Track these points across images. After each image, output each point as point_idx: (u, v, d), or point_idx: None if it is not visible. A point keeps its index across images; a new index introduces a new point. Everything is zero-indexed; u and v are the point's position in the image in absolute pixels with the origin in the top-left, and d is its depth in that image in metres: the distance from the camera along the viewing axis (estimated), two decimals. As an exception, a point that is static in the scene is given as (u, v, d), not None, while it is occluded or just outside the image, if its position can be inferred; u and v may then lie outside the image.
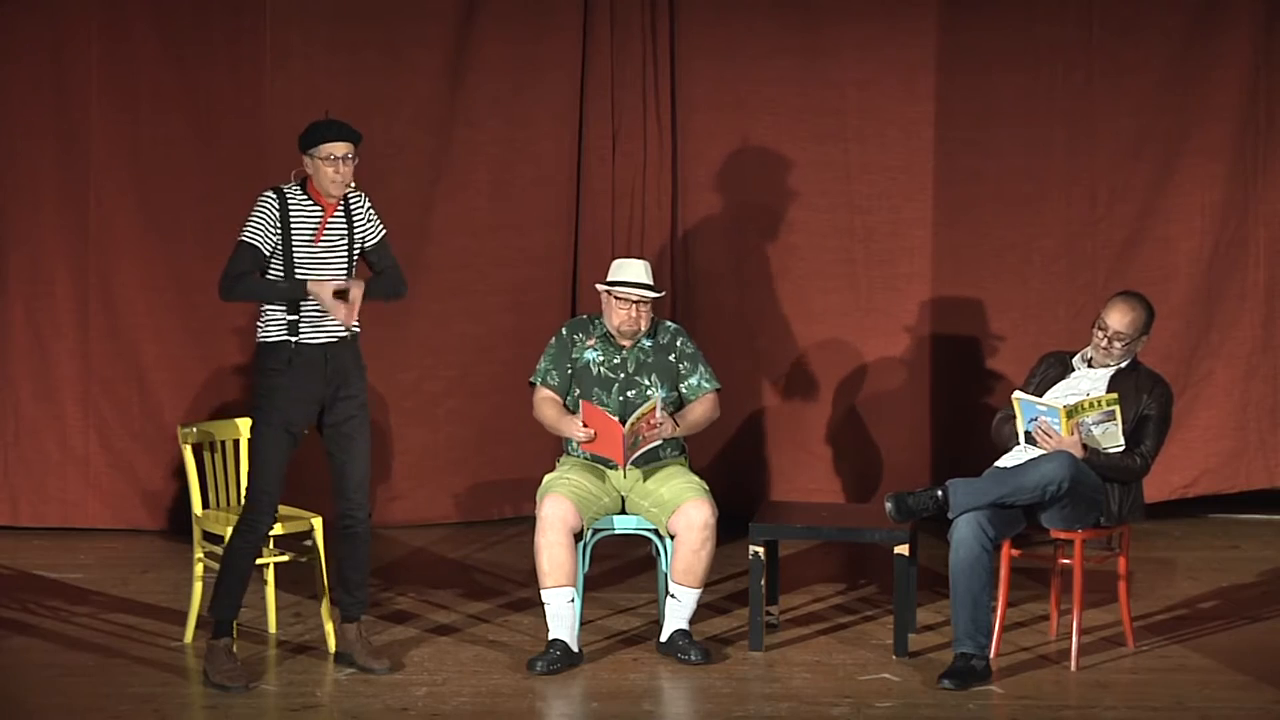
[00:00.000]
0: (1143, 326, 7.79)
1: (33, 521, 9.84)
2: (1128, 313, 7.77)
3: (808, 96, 9.93)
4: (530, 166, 9.96)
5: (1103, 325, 7.79)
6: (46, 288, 9.77)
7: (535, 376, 8.15)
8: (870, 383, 10.03)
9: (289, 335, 7.43)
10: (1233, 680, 7.55)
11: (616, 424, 7.79)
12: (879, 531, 7.93)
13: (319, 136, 7.44)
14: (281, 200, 7.44)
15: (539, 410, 8.12)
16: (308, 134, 7.46)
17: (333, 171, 7.42)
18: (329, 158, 7.41)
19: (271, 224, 7.41)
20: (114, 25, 9.67)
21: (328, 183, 7.44)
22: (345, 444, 7.55)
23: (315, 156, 7.44)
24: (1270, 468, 10.03)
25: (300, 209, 7.45)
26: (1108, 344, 7.78)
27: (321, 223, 7.46)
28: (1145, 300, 7.85)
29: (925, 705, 7.30)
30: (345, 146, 7.43)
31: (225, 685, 7.36)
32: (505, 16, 9.85)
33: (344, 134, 7.45)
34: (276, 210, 7.42)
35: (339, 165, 7.42)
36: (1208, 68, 9.81)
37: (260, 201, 7.44)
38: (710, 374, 8.15)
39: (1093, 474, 7.63)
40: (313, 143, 7.44)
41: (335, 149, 7.42)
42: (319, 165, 7.44)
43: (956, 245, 9.97)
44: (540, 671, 7.64)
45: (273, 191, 7.47)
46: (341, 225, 7.52)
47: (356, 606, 7.67)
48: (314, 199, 7.47)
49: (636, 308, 8.02)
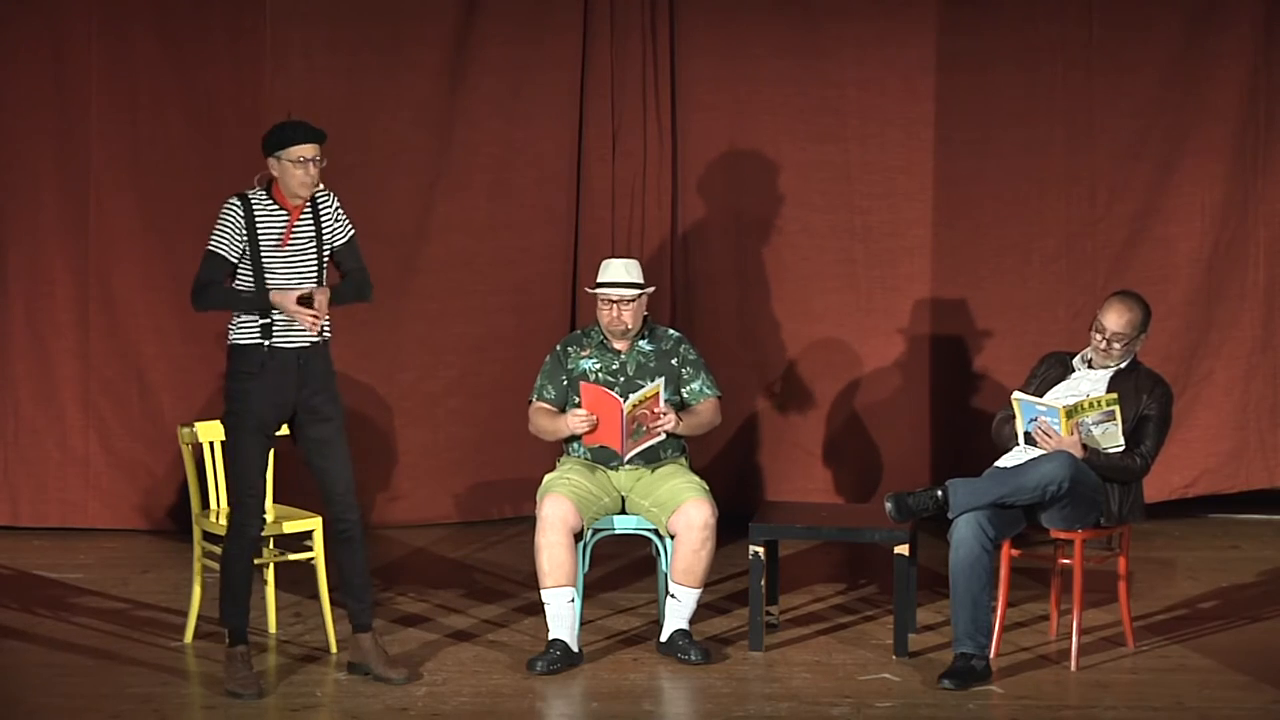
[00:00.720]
0: (1140, 326, 7.79)
1: (33, 521, 9.84)
2: (1124, 313, 7.76)
3: (808, 96, 9.93)
4: (530, 166, 9.96)
5: (1100, 327, 7.79)
6: (46, 288, 9.77)
7: (532, 394, 8.16)
8: (870, 382, 10.03)
9: (262, 338, 7.37)
10: (1233, 680, 7.55)
11: (616, 401, 7.77)
12: (879, 531, 7.93)
13: (285, 139, 7.34)
14: (246, 205, 7.36)
15: (534, 422, 8.12)
16: (273, 136, 7.37)
17: (301, 174, 7.33)
18: (298, 160, 7.32)
19: (236, 231, 7.33)
20: (114, 25, 9.67)
21: (295, 185, 7.36)
22: (324, 449, 7.49)
23: (282, 159, 7.34)
24: (1270, 468, 10.03)
25: (266, 213, 7.38)
26: (1106, 345, 7.78)
27: (288, 227, 7.41)
28: (1141, 299, 7.84)
29: (925, 705, 7.30)
30: (313, 148, 7.34)
31: (239, 693, 7.35)
32: (505, 16, 9.85)
33: (310, 135, 7.36)
34: (241, 216, 7.34)
35: (308, 167, 7.34)
36: (1208, 67, 9.81)
37: (224, 209, 7.37)
38: (712, 381, 8.15)
39: (1093, 474, 7.62)
40: (279, 145, 7.34)
41: (304, 151, 7.33)
42: (286, 167, 7.35)
43: (956, 245, 9.97)
44: (540, 671, 7.63)
45: (236, 198, 7.39)
46: (309, 228, 7.44)
47: (366, 614, 7.61)
48: (279, 202, 7.40)
49: (617, 307, 8.02)
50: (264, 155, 7.39)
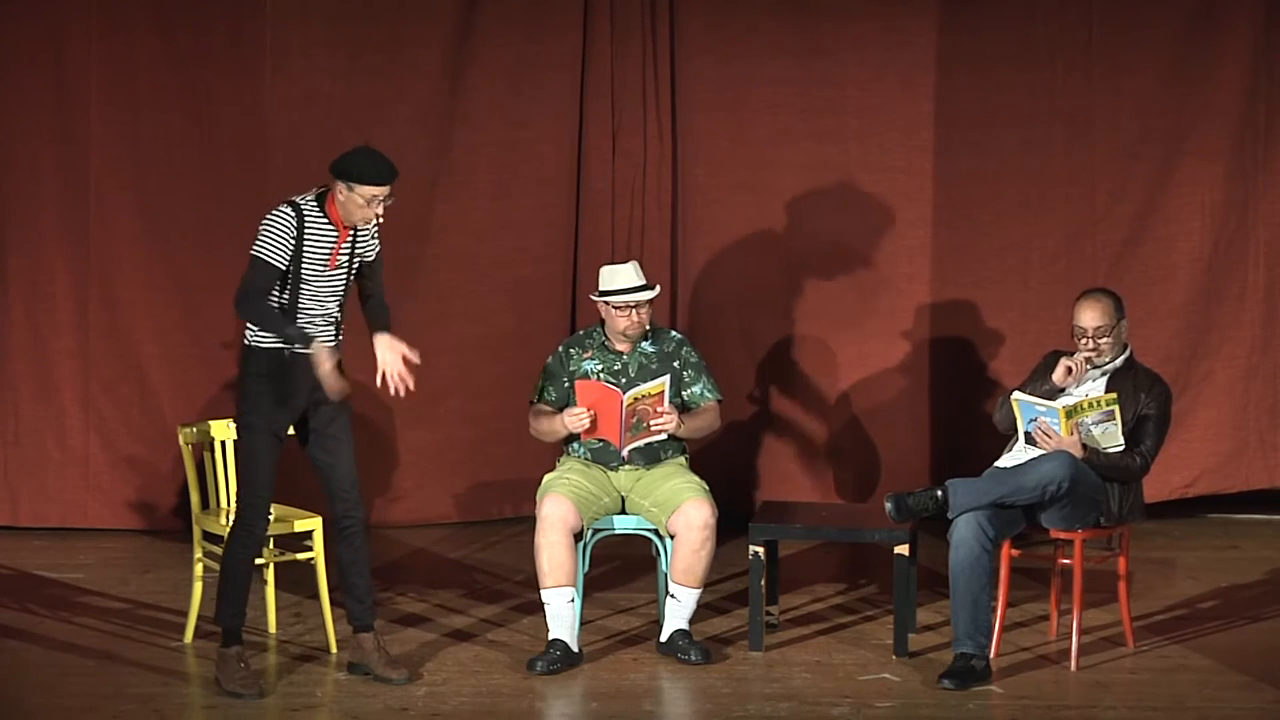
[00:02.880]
0: (1115, 312, 7.81)
1: (33, 521, 9.84)
2: (1095, 306, 7.80)
3: (808, 96, 9.93)
4: (530, 166, 9.96)
5: (1081, 331, 7.81)
6: (46, 288, 9.77)
7: (533, 395, 8.17)
8: (870, 382, 10.03)
9: (284, 344, 7.34)
10: (1233, 680, 7.55)
11: (615, 393, 7.77)
12: (879, 531, 7.93)
13: (364, 174, 7.22)
14: (299, 216, 7.26)
15: (533, 425, 8.12)
16: (351, 165, 7.23)
17: (366, 212, 7.24)
18: (370, 199, 7.23)
19: (288, 240, 7.24)
20: (114, 25, 9.67)
21: (357, 218, 7.28)
22: (332, 446, 7.48)
23: (354, 190, 7.23)
24: (1270, 468, 10.03)
25: (316, 229, 7.29)
26: (1094, 344, 7.80)
27: (336, 249, 7.34)
28: (1104, 289, 7.92)
29: (925, 705, 7.30)
30: (386, 189, 7.25)
31: (239, 693, 7.34)
32: (505, 16, 9.86)
33: (388, 175, 7.24)
34: (294, 226, 7.24)
35: (376, 206, 7.26)
36: (1208, 68, 9.81)
37: (276, 216, 7.26)
38: (714, 385, 8.15)
39: (1093, 474, 7.63)
40: (355, 177, 7.22)
41: (378, 192, 7.24)
42: (353, 198, 7.23)
43: (956, 245, 9.97)
44: (540, 671, 7.64)
45: (288, 206, 7.28)
46: (348, 245, 7.41)
47: (368, 614, 7.60)
48: (331, 219, 7.31)
49: (636, 311, 8.03)
50: (332, 174, 7.26)
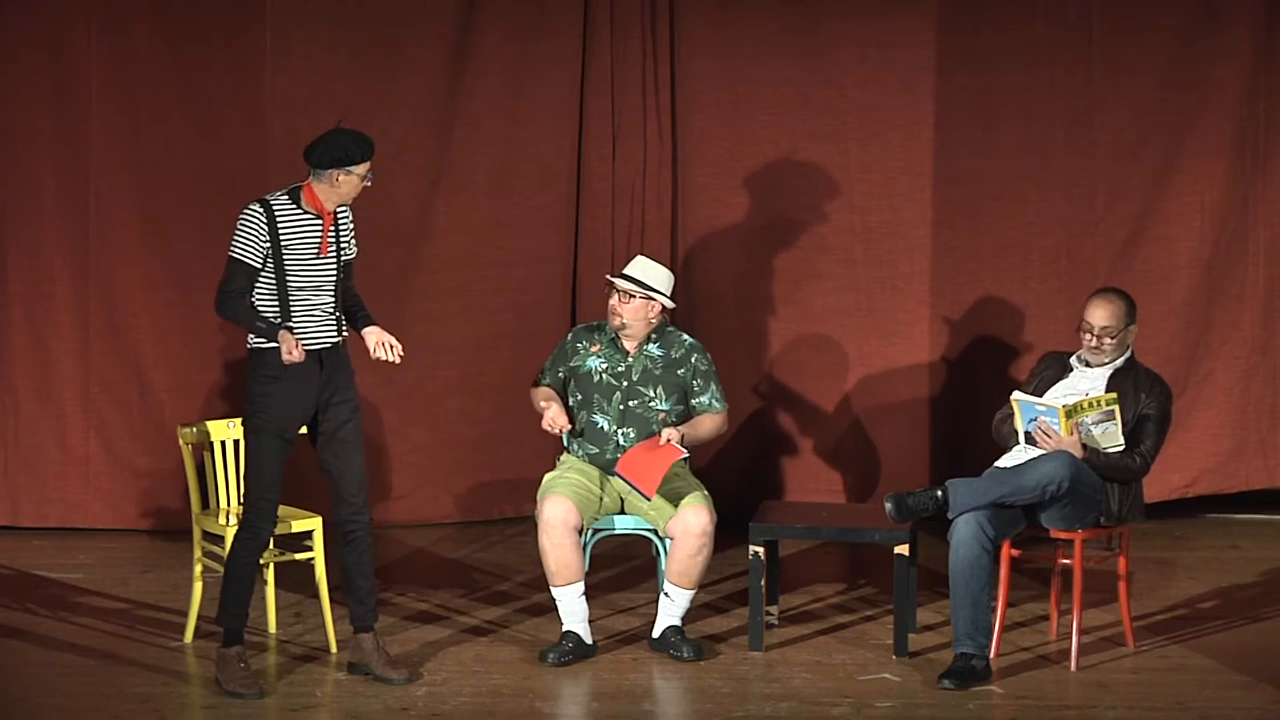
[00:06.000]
0: (1126, 316, 7.81)
1: (33, 521, 9.83)
2: (1106, 305, 7.80)
3: (808, 96, 9.93)
4: (530, 166, 9.96)
5: (1087, 326, 7.81)
6: (46, 288, 9.77)
7: (540, 375, 8.20)
8: (870, 382, 10.03)
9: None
10: (1233, 680, 7.56)
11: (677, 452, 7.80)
12: (879, 531, 7.93)
13: (365, 151, 7.24)
14: (268, 211, 7.28)
15: (534, 396, 8.17)
16: (340, 148, 7.23)
17: (363, 184, 7.29)
18: (367, 172, 7.27)
19: (261, 238, 7.26)
20: (114, 25, 9.66)
21: (347, 197, 7.31)
22: (341, 449, 7.48)
23: (352, 173, 7.25)
24: (1270, 468, 10.03)
25: (292, 220, 7.31)
26: (1097, 343, 7.80)
27: (324, 237, 7.36)
28: (1121, 291, 7.90)
29: (925, 705, 7.30)
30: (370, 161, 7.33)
31: (240, 693, 7.34)
32: (505, 16, 9.85)
33: (372, 142, 7.30)
34: (264, 222, 7.27)
35: (367, 180, 7.32)
36: (1207, 67, 9.81)
37: (245, 215, 7.30)
38: (721, 394, 8.14)
39: (1093, 474, 7.63)
40: (347, 161, 7.23)
41: (369, 166, 7.30)
42: (349, 180, 7.26)
43: (956, 245, 9.97)
44: (552, 663, 7.67)
45: (257, 203, 7.32)
46: (333, 236, 7.41)
47: (369, 616, 7.60)
48: (313, 209, 7.33)
49: (616, 295, 8.03)
50: (318, 167, 7.27)
